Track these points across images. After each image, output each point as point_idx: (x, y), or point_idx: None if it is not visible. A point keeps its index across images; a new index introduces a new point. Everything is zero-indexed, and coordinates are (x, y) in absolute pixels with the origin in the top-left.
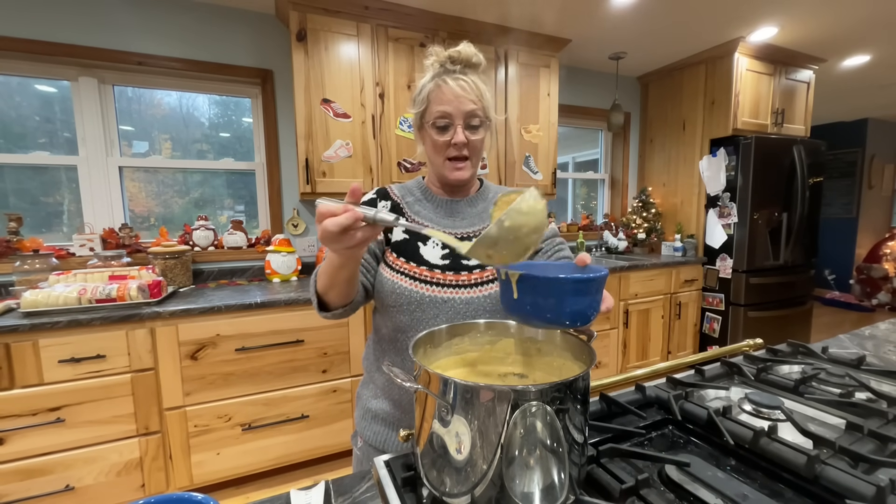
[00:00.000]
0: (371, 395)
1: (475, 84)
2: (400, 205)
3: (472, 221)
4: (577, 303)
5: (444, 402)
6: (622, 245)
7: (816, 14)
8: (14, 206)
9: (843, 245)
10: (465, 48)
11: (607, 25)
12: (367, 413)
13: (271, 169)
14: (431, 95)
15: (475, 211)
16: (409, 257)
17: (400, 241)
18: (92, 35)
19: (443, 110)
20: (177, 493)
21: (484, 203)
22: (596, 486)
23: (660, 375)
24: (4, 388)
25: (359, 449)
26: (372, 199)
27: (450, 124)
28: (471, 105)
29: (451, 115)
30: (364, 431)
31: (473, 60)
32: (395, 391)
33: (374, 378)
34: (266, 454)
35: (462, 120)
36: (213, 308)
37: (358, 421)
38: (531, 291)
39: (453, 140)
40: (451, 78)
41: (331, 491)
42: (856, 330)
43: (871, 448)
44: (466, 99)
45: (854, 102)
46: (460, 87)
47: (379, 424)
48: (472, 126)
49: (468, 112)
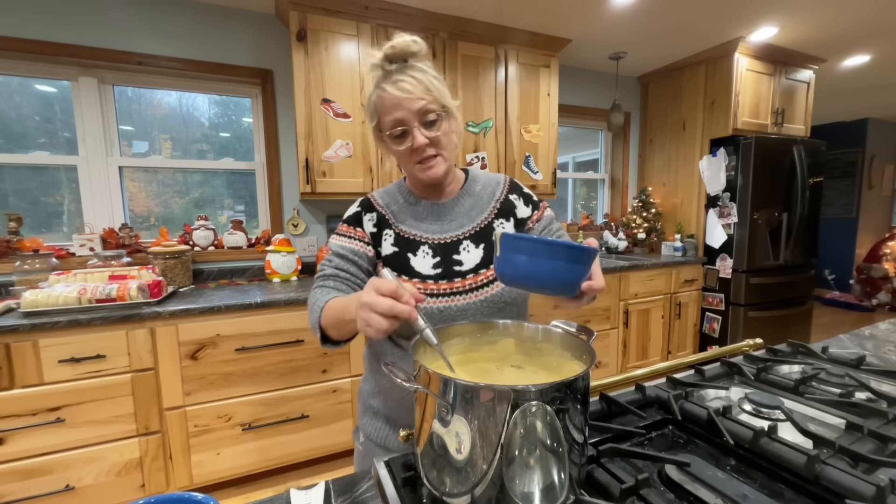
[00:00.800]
0: (371, 392)
1: (418, 79)
2: (386, 216)
3: (460, 223)
4: (567, 270)
5: (444, 402)
6: (622, 245)
7: (816, 14)
8: (14, 206)
9: (843, 245)
10: (399, 40)
11: (607, 25)
12: (368, 409)
13: (271, 169)
14: (378, 107)
15: (462, 210)
16: (400, 271)
17: (390, 254)
18: (92, 35)
19: (394, 118)
20: (177, 493)
21: (471, 199)
22: (596, 486)
23: (660, 375)
24: (4, 388)
25: (361, 444)
26: (356, 213)
27: (406, 130)
28: (420, 102)
29: (403, 120)
30: (365, 427)
31: (412, 49)
32: (396, 389)
33: (374, 376)
34: (266, 454)
35: (416, 120)
36: (213, 308)
37: (359, 416)
38: (528, 252)
39: (414, 145)
40: (390, 83)
41: (331, 491)
42: (856, 330)
43: (871, 448)
44: (413, 98)
45: (854, 102)
46: (402, 89)
47: (380, 421)
48: (428, 122)
49: (419, 110)
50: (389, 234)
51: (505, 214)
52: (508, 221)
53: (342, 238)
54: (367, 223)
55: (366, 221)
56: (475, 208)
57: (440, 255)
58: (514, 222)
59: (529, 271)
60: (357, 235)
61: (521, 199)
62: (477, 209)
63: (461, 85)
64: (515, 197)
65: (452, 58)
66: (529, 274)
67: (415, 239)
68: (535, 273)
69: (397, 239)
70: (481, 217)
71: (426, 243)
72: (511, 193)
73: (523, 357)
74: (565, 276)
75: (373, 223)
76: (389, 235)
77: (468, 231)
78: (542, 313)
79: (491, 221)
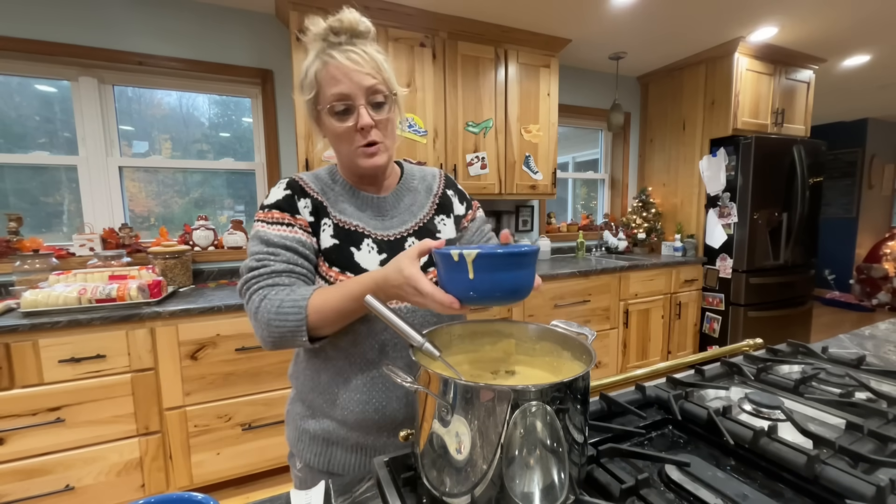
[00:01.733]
0: (306, 415)
1: (369, 54)
2: (322, 203)
3: (402, 219)
4: (530, 275)
5: (444, 402)
6: (622, 245)
7: (816, 14)
8: (14, 206)
9: (843, 245)
10: (348, 14)
11: (607, 25)
12: (304, 434)
13: (271, 169)
14: (319, 76)
15: (403, 206)
16: (343, 266)
17: (330, 247)
18: (92, 35)
19: (338, 92)
20: (177, 493)
21: (410, 194)
22: (596, 486)
23: (660, 375)
24: (4, 388)
25: (299, 471)
26: (288, 196)
27: (351, 106)
28: (369, 80)
29: (349, 95)
30: (303, 453)
31: (360, 28)
32: (338, 410)
33: (306, 397)
34: (266, 454)
35: (363, 98)
36: (213, 308)
37: (293, 443)
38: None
39: (359, 124)
40: (339, 51)
41: (331, 491)
42: (856, 330)
43: (871, 448)
44: (362, 73)
45: (854, 102)
46: (352, 60)
47: (319, 445)
48: (376, 104)
49: (368, 88)
50: (328, 224)
51: (444, 210)
52: (449, 218)
53: (280, 227)
54: (304, 210)
55: (301, 208)
56: (415, 203)
57: (387, 252)
58: (453, 219)
59: (504, 286)
60: (299, 223)
61: (457, 196)
62: (417, 204)
63: (461, 85)
64: (452, 193)
65: (452, 58)
66: (505, 288)
67: (356, 231)
68: (508, 285)
69: (337, 230)
70: (422, 213)
71: (370, 237)
72: (448, 188)
73: (523, 357)
74: (529, 281)
75: (308, 210)
76: (328, 226)
77: (411, 228)
78: (542, 313)
79: (432, 218)
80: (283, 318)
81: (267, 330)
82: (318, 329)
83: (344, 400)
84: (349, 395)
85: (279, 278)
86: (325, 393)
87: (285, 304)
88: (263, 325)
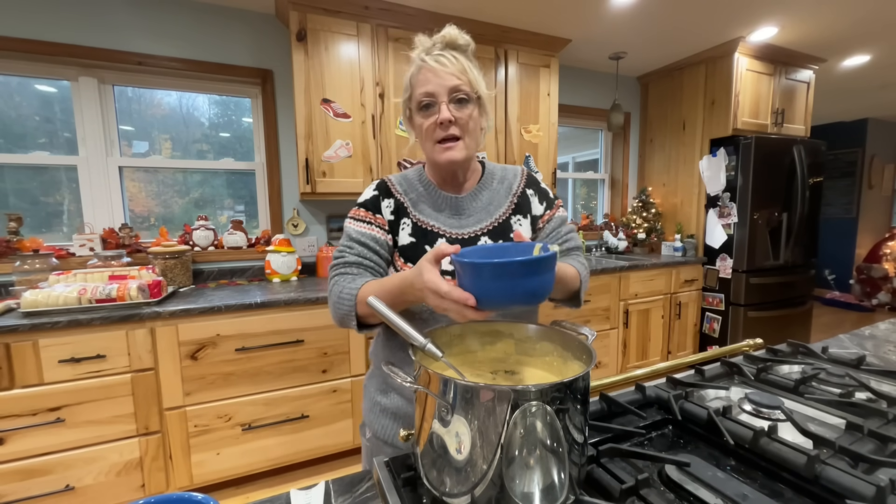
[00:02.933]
0: (378, 389)
1: (457, 59)
2: (404, 203)
3: (478, 217)
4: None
5: (444, 402)
6: (622, 245)
7: (816, 14)
8: (14, 206)
9: (843, 245)
10: (450, 30)
11: (607, 25)
12: (375, 406)
13: (271, 169)
14: (413, 80)
15: (480, 205)
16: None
17: (407, 244)
18: (92, 35)
19: (425, 90)
20: (177, 493)
21: (489, 192)
22: (596, 486)
23: (660, 375)
24: (4, 388)
25: (367, 440)
26: (374, 197)
27: (434, 102)
28: (454, 80)
29: (433, 93)
30: (372, 424)
31: (459, 42)
32: (407, 388)
33: (381, 372)
34: (266, 454)
35: (446, 96)
36: (213, 308)
37: (366, 413)
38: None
39: (439, 118)
40: (431, 57)
41: (331, 491)
42: (856, 330)
43: (871, 448)
44: (448, 74)
45: (854, 102)
46: (440, 63)
47: (387, 418)
48: (458, 100)
49: (451, 87)
50: (407, 224)
51: (521, 210)
52: (526, 218)
53: (361, 224)
54: (385, 209)
55: (384, 207)
56: (493, 202)
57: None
58: (530, 220)
59: (518, 291)
60: (377, 222)
61: (537, 196)
62: (495, 203)
63: None
64: (532, 192)
65: None
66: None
67: (432, 230)
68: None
69: (415, 229)
70: (499, 212)
71: (444, 236)
72: (528, 188)
73: (523, 357)
74: (547, 285)
75: (390, 210)
76: (407, 224)
77: (486, 227)
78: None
79: (508, 217)
80: (341, 303)
81: (333, 311)
82: (366, 317)
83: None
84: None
85: (349, 269)
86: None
87: (344, 292)
88: (332, 305)
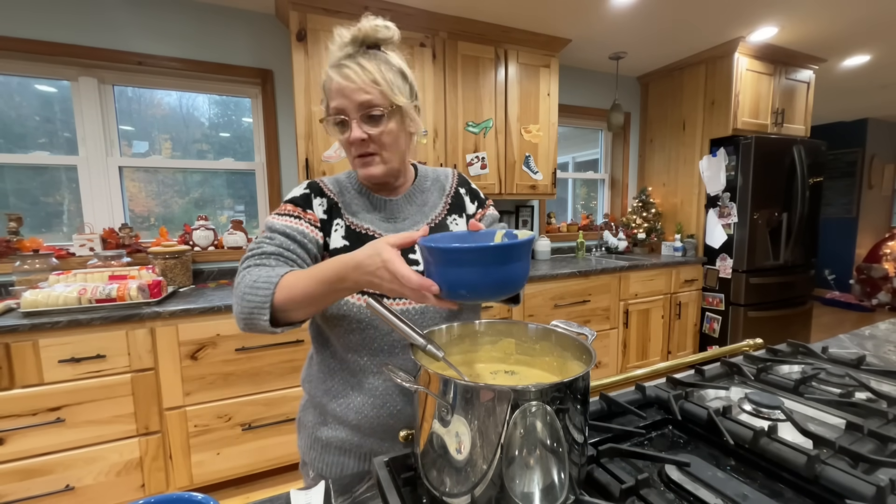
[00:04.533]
0: (318, 423)
1: (366, 69)
2: (337, 203)
3: (414, 220)
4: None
5: (445, 402)
6: (622, 245)
7: (816, 14)
8: (14, 206)
9: (843, 245)
10: (365, 24)
11: (607, 25)
12: (317, 443)
13: (271, 169)
14: (327, 89)
15: (414, 207)
16: None
17: (340, 248)
18: (92, 35)
19: (335, 106)
20: (177, 493)
21: (422, 195)
22: (596, 486)
23: (660, 375)
24: (4, 388)
25: (312, 480)
26: (305, 195)
27: (345, 120)
28: (364, 95)
29: (343, 109)
30: (315, 463)
31: (381, 34)
32: (352, 415)
33: (319, 401)
34: (266, 454)
35: (357, 113)
36: (213, 308)
37: (305, 451)
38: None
39: (350, 139)
40: (336, 68)
41: (331, 491)
42: (856, 330)
43: (871, 448)
44: (356, 89)
45: (854, 102)
46: (344, 76)
47: (332, 455)
48: (372, 117)
49: (362, 103)
50: (340, 225)
51: (457, 210)
52: (461, 217)
53: (288, 218)
54: (318, 207)
55: (315, 205)
56: (427, 204)
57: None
58: (465, 218)
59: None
60: (307, 217)
61: (469, 195)
62: (429, 205)
63: (461, 85)
64: (464, 192)
65: (452, 58)
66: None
67: (367, 233)
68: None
69: (348, 232)
70: (434, 213)
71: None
72: (460, 187)
73: (523, 357)
74: (519, 274)
75: (323, 209)
76: (340, 226)
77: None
78: (542, 313)
79: (444, 218)
80: (254, 292)
81: (240, 305)
82: (286, 311)
83: (358, 404)
84: (363, 398)
85: (267, 259)
86: (339, 397)
87: (260, 279)
88: (238, 299)
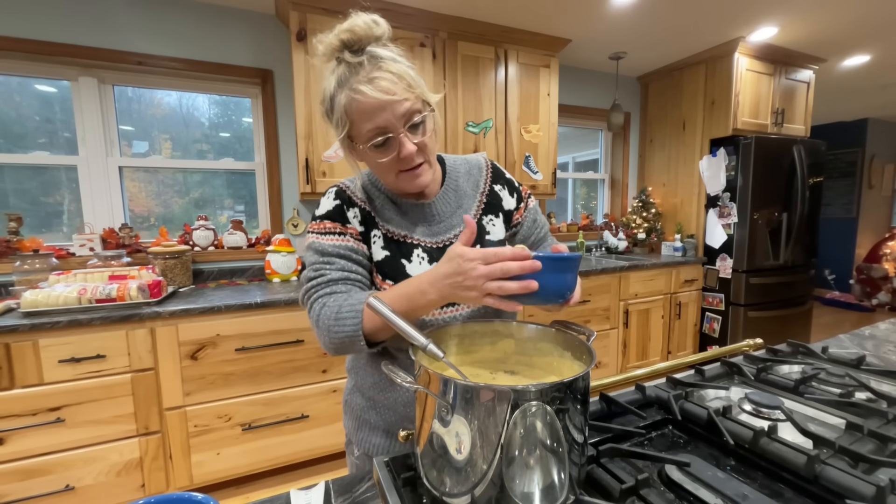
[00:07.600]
0: (367, 406)
1: (397, 74)
2: (370, 213)
3: (449, 223)
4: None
5: (444, 402)
6: (622, 245)
7: (816, 14)
8: (14, 206)
9: (843, 245)
10: (359, 21)
11: (607, 25)
12: (364, 424)
13: (271, 169)
14: (350, 112)
15: (449, 209)
16: (396, 278)
17: (382, 259)
18: (92, 35)
19: (376, 126)
20: (177, 493)
21: (455, 195)
22: (596, 486)
23: (660, 375)
24: (4, 388)
25: (357, 458)
26: (338, 207)
27: (390, 138)
28: (405, 104)
29: (387, 127)
30: (361, 443)
31: (376, 32)
32: (401, 408)
33: (367, 392)
34: (266, 454)
35: (403, 125)
36: (213, 308)
37: (352, 432)
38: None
39: (402, 154)
40: (366, 82)
41: (331, 491)
42: (856, 330)
43: (871, 448)
44: (398, 100)
45: (854, 102)
46: (382, 89)
47: (378, 436)
48: (415, 125)
49: (405, 113)
50: (378, 236)
51: (493, 210)
52: (498, 217)
53: (333, 237)
54: (353, 220)
55: (351, 218)
56: (462, 205)
57: (438, 261)
58: (502, 218)
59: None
60: (350, 232)
61: (506, 189)
62: (465, 206)
63: (461, 85)
64: (500, 187)
65: (452, 58)
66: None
67: (406, 241)
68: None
69: (387, 241)
70: (469, 214)
71: (419, 246)
72: (495, 183)
73: (523, 357)
74: (571, 284)
75: (358, 220)
76: (378, 237)
77: (459, 233)
78: (542, 313)
79: (479, 219)
80: (342, 323)
81: (328, 336)
82: (375, 334)
83: (407, 398)
84: (412, 394)
85: (336, 286)
86: (387, 391)
87: (343, 310)
88: (325, 331)
